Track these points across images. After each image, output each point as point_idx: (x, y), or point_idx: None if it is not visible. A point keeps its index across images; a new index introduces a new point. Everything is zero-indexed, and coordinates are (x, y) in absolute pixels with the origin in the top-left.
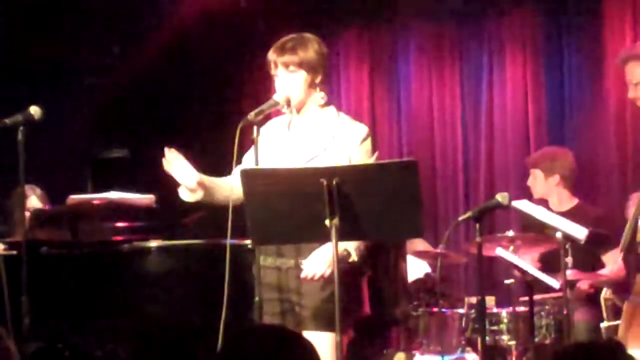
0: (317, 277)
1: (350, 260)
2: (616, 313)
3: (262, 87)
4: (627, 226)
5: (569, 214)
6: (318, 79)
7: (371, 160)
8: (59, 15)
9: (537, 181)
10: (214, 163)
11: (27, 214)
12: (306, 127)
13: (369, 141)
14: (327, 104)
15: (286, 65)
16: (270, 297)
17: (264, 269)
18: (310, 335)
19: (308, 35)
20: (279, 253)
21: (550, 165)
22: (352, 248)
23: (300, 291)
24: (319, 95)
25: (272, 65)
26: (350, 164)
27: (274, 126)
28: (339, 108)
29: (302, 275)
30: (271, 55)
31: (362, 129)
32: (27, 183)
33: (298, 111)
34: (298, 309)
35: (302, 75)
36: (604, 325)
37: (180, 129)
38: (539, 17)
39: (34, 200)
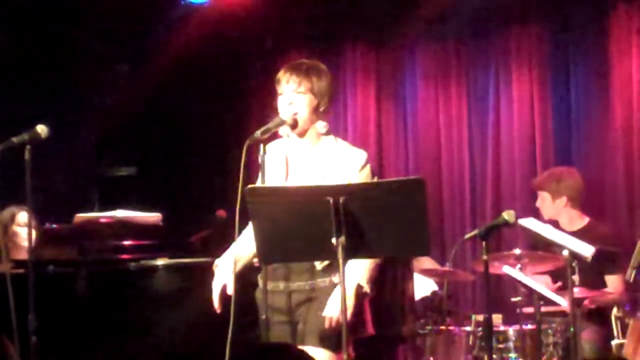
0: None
1: (365, 292)
2: (626, 331)
3: (270, 104)
4: (638, 246)
5: (580, 234)
6: (322, 107)
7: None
8: (66, 33)
9: (545, 203)
10: (221, 180)
11: (18, 229)
12: (306, 152)
13: (368, 167)
14: (327, 133)
15: (299, 84)
16: (278, 320)
17: (271, 294)
18: (307, 350)
19: (322, 65)
20: (273, 276)
21: (556, 187)
22: (364, 282)
23: (294, 315)
24: (321, 125)
25: (283, 83)
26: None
27: (275, 149)
28: (345, 128)
29: (326, 324)
30: (283, 74)
31: (361, 155)
32: (35, 203)
33: (300, 135)
34: (301, 326)
35: (309, 99)
36: (615, 343)
37: (187, 147)
38: (544, 35)
39: (23, 217)
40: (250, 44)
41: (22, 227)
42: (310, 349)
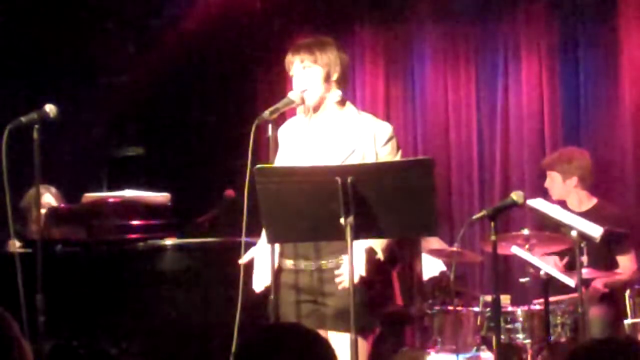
0: (356, 280)
1: (377, 257)
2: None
3: (278, 85)
4: None
5: (588, 214)
6: (334, 77)
7: (396, 158)
8: (75, 13)
9: (555, 183)
10: (230, 161)
11: (43, 211)
12: (326, 126)
13: (394, 140)
14: (344, 101)
15: (301, 61)
16: (289, 299)
17: (283, 271)
18: (333, 335)
19: (327, 38)
20: (297, 255)
21: (567, 167)
22: (377, 246)
23: (324, 292)
24: (336, 93)
25: (290, 66)
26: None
27: (292, 127)
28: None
29: (338, 280)
30: (288, 56)
31: (387, 128)
32: (43, 182)
33: (315, 110)
34: (323, 309)
35: (317, 70)
36: (627, 322)
37: (195, 128)
38: (554, 17)
39: (49, 198)
40: (257, 24)
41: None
42: (335, 335)
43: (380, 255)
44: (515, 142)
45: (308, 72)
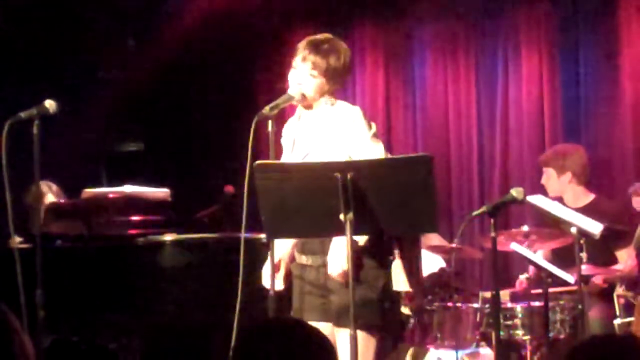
0: (338, 271)
1: (361, 245)
2: (629, 309)
3: (278, 80)
4: None
5: (586, 210)
6: (333, 88)
7: (368, 135)
8: (73, 8)
9: (550, 180)
10: (229, 157)
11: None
12: (314, 123)
13: (362, 117)
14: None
15: (313, 65)
16: (297, 290)
17: (293, 263)
18: (341, 332)
19: (342, 44)
20: (304, 249)
21: (561, 163)
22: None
23: (328, 287)
24: (328, 100)
25: (299, 59)
26: (360, 157)
27: (289, 126)
28: (353, 105)
29: (332, 275)
30: (303, 48)
31: (353, 109)
32: (43, 178)
33: (308, 107)
34: (328, 304)
35: (321, 81)
36: (617, 322)
37: (195, 123)
38: (554, 13)
39: (51, 197)
40: (257, 21)
41: None
42: (345, 332)
43: (360, 242)
44: (515, 139)
45: (312, 81)
